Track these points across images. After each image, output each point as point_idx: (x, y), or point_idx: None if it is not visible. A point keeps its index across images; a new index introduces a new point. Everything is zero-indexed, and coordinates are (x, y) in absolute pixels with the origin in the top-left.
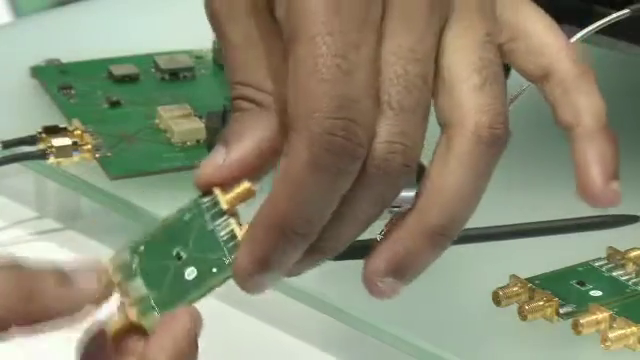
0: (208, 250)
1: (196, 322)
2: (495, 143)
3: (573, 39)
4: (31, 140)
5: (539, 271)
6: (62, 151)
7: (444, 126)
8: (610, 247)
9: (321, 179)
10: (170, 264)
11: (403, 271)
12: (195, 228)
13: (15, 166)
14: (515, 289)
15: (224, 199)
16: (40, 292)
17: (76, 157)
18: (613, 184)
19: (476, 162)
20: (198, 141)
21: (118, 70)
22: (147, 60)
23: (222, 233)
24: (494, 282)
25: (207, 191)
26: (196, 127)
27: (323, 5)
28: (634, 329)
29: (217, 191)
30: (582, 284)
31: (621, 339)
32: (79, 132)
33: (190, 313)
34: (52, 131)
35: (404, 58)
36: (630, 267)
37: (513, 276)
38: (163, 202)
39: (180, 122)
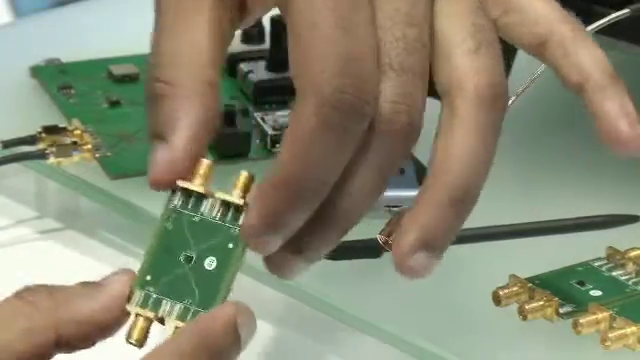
0: (210, 236)
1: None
2: (497, 101)
3: None
4: (31, 140)
5: (539, 271)
6: (62, 151)
7: (444, 93)
8: (610, 247)
9: (331, 138)
10: (185, 270)
11: (432, 243)
12: (184, 228)
13: (15, 166)
14: (515, 289)
15: (194, 186)
16: (69, 292)
17: (76, 157)
18: (638, 128)
19: (481, 123)
20: None
21: (118, 70)
22: (147, 60)
23: (213, 214)
24: (494, 282)
25: (172, 190)
26: None
27: None
28: (634, 329)
29: (181, 184)
30: (582, 284)
31: (621, 339)
32: (79, 132)
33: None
34: (52, 131)
35: (402, 22)
36: (630, 267)
37: (513, 276)
38: (163, 202)
39: None
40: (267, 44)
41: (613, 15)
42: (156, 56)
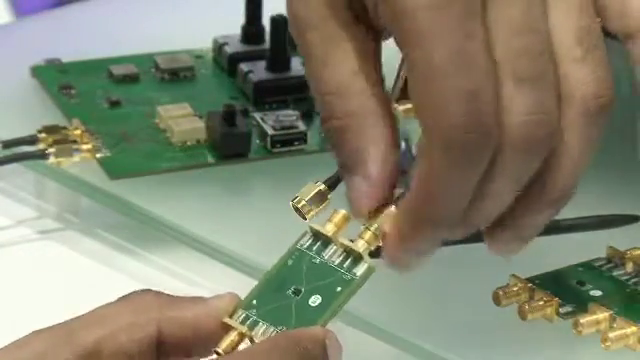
0: (325, 278)
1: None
2: (602, 110)
3: None
4: (31, 140)
5: (539, 271)
6: (62, 151)
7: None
8: (610, 247)
9: (459, 174)
10: (290, 301)
11: (527, 236)
12: (303, 267)
13: (15, 166)
14: (515, 289)
15: (325, 230)
16: (176, 297)
17: (76, 157)
18: None
19: (587, 132)
20: (198, 141)
21: (118, 70)
22: (147, 60)
23: (334, 259)
24: (494, 282)
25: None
26: (196, 127)
27: (429, 4)
28: (634, 329)
29: (314, 227)
30: (582, 284)
31: (621, 339)
32: (79, 132)
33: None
34: (52, 131)
35: (520, 30)
36: (630, 267)
37: (513, 276)
38: (163, 202)
39: (180, 122)
40: (267, 44)
41: None
42: (322, 91)
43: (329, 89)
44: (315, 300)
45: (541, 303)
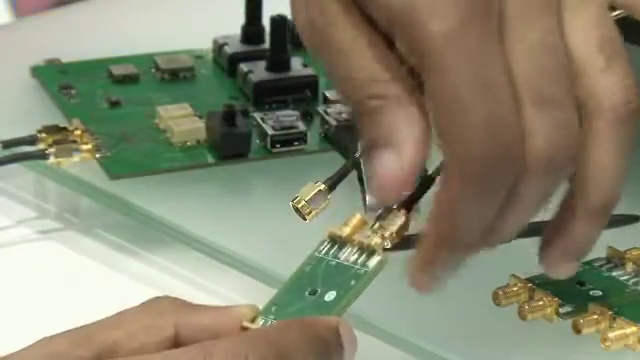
0: (341, 276)
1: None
2: (633, 116)
3: None
4: (31, 140)
5: (539, 271)
6: (62, 151)
7: (580, 108)
8: (610, 247)
9: (480, 203)
10: (307, 301)
11: (577, 254)
12: (320, 270)
13: (15, 166)
14: (515, 289)
15: (342, 232)
16: (195, 304)
17: (76, 157)
18: None
19: (620, 140)
20: (198, 141)
21: (118, 70)
22: (147, 60)
23: (349, 258)
24: (494, 282)
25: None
26: (196, 127)
27: (446, 31)
28: (634, 329)
29: (331, 231)
30: (582, 284)
31: (621, 339)
32: (79, 132)
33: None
34: (52, 131)
35: (538, 52)
36: (630, 267)
37: (513, 276)
38: (163, 202)
39: (180, 122)
40: (267, 44)
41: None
42: (352, 75)
43: (363, 74)
44: (330, 296)
45: (541, 303)
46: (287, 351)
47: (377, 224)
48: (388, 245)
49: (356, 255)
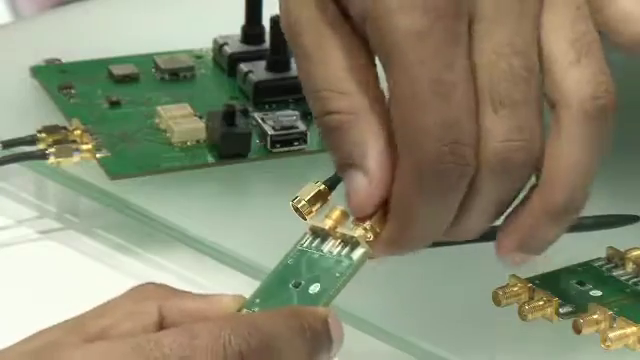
0: (325, 268)
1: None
2: (602, 113)
3: None
4: (31, 140)
5: (539, 271)
6: (62, 151)
7: (551, 106)
8: (610, 247)
9: (432, 201)
10: (291, 293)
11: (531, 248)
12: (304, 262)
13: (15, 166)
14: (515, 289)
15: (324, 225)
16: (179, 291)
17: (76, 157)
18: None
19: (587, 137)
20: (198, 141)
21: (118, 70)
22: (147, 60)
23: (332, 250)
24: (494, 282)
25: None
26: (196, 127)
27: (412, 30)
28: (634, 329)
29: (313, 225)
30: (582, 284)
31: (621, 339)
32: (79, 132)
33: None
34: (52, 131)
35: (505, 54)
36: (630, 267)
37: (513, 276)
38: (163, 202)
39: (180, 122)
40: (267, 44)
41: None
42: (316, 87)
43: (325, 85)
44: (315, 288)
45: (541, 303)
46: (273, 336)
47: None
48: (371, 237)
49: (339, 247)
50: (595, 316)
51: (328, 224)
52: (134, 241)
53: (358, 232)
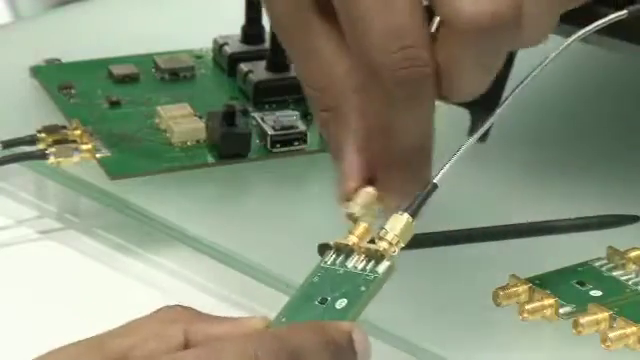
0: (349, 283)
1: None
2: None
3: (572, 39)
4: (31, 140)
5: (539, 271)
6: (62, 151)
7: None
8: (610, 247)
9: (409, 109)
10: (318, 309)
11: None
12: (328, 280)
13: (15, 166)
14: (515, 289)
15: (347, 241)
16: (207, 314)
17: (76, 157)
18: None
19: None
20: (198, 141)
21: (118, 70)
22: (147, 60)
23: (357, 265)
24: (494, 282)
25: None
26: (196, 127)
27: None
28: (634, 329)
29: (336, 242)
30: (582, 284)
31: (621, 339)
32: (79, 132)
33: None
34: (52, 131)
35: None
36: (630, 267)
37: (513, 276)
38: (163, 202)
39: (180, 122)
40: (267, 44)
41: (612, 16)
42: (309, 84)
43: (311, 84)
44: (341, 303)
45: (541, 303)
46: (299, 350)
47: (382, 230)
48: (395, 252)
49: (364, 262)
50: (595, 316)
51: (352, 240)
52: (134, 241)
53: (383, 245)
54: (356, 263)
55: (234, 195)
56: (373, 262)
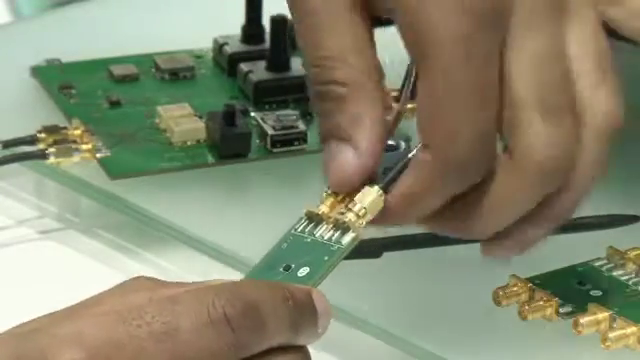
0: (315, 253)
1: None
2: (614, 132)
3: None
4: (31, 140)
5: (539, 271)
6: (62, 151)
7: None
8: (610, 247)
9: (451, 188)
10: (280, 277)
11: (525, 246)
12: (296, 247)
13: (15, 166)
14: (515, 289)
15: (318, 210)
16: (168, 282)
17: (76, 157)
18: None
19: (601, 154)
20: (198, 141)
21: (118, 70)
22: (147, 60)
23: (324, 234)
24: (494, 282)
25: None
26: (196, 127)
27: (457, 34)
28: (634, 329)
29: (308, 210)
30: (582, 284)
31: (621, 339)
32: (79, 132)
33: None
34: (52, 131)
35: (543, 61)
36: (630, 267)
37: (513, 276)
38: (163, 202)
39: (180, 122)
40: (267, 44)
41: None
42: (321, 55)
43: (331, 54)
44: (303, 272)
45: (541, 303)
46: (256, 302)
47: (352, 202)
48: (362, 224)
49: (331, 232)
50: (595, 316)
51: (322, 209)
52: (134, 241)
53: (350, 217)
54: (323, 232)
55: (234, 195)
56: (339, 232)
